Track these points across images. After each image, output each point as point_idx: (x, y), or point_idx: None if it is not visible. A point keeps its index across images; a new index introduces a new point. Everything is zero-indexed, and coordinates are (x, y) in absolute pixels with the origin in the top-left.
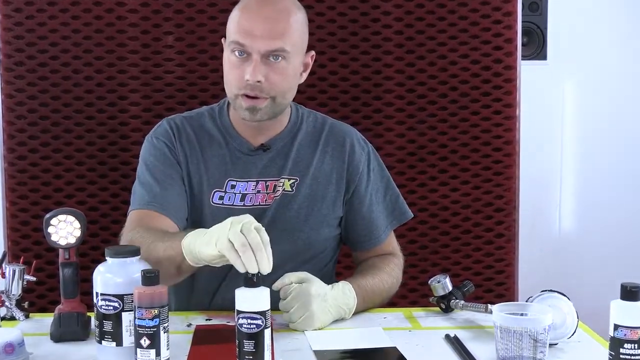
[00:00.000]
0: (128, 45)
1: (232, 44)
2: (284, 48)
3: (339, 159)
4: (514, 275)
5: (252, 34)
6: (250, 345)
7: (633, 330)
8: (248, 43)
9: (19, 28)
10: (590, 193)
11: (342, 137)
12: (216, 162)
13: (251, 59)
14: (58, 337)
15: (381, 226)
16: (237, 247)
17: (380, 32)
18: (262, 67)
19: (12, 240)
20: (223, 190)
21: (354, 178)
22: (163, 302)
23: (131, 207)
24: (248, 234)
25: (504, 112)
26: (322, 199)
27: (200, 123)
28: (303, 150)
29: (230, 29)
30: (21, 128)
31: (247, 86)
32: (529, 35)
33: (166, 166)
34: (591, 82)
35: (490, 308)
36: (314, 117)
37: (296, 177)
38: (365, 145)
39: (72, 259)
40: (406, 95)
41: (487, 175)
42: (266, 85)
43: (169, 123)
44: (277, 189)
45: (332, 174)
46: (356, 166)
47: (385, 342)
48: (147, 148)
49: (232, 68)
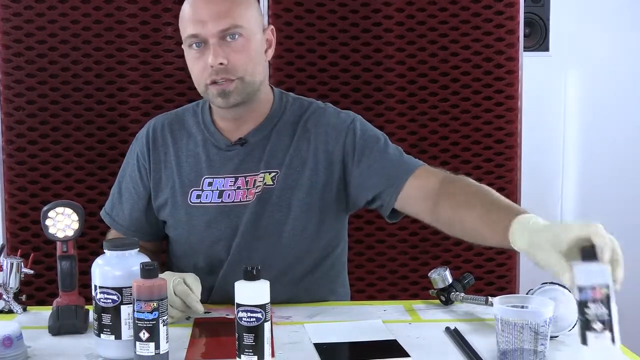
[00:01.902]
0: (127, 37)
1: (187, 39)
2: (236, 24)
3: (319, 142)
4: (514, 267)
5: (202, 20)
6: (249, 338)
7: (594, 290)
8: (200, 31)
9: (17, 19)
10: (592, 185)
11: (319, 119)
12: (191, 162)
13: (209, 45)
14: (56, 330)
15: (407, 158)
16: None
17: (382, 23)
18: (221, 49)
19: (11, 233)
20: (200, 188)
21: (343, 157)
22: (162, 294)
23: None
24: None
25: (506, 104)
26: (301, 186)
27: (182, 121)
28: (280, 141)
29: (182, 27)
30: (20, 119)
31: (213, 72)
32: (531, 27)
33: (130, 179)
34: (593, 73)
35: (490, 300)
36: (300, 103)
37: (276, 169)
38: (347, 117)
39: (71, 251)
40: (407, 86)
41: (488, 167)
42: (231, 67)
43: (148, 128)
44: (258, 184)
45: (315, 161)
46: (342, 145)
47: (385, 334)
48: (128, 152)
49: (194, 61)
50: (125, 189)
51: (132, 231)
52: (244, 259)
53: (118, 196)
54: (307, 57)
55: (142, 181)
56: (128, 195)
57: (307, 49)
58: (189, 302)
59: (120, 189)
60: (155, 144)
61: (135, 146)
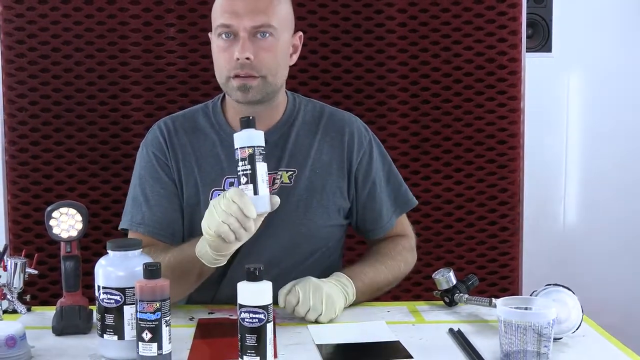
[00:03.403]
0: (130, 37)
1: (218, 28)
2: (269, 23)
3: (338, 148)
4: (518, 268)
5: (237, 13)
6: (252, 339)
7: (242, 150)
8: (234, 22)
9: (20, 20)
10: (595, 186)
11: (342, 125)
12: (211, 162)
13: (239, 38)
14: (60, 330)
15: (385, 215)
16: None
17: (384, 24)
18: (250, 44)
19: (14, 233)
20: (221, 188)
21: (354, 167)
22: (165, 295)
23: (123, 220)
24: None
25: (509, 105)
26: (321, 190)
27: (193, 122)
28: (300, 141)
29: (214, 15)
30: (22, 120)
31: (237, 65)
32: (534, 27)
33: (155, 181)
34: (596, 74)
35: (494, 302)
36: (312, 105)
37: (294, 168)
38: (367, 133)
39: (74, 252)
40: (410, 87)
41: (491, 168)
42: (256, 63)
43: (159, 128)
44: (275, 182)
45: (331, 164)
46: (357, 155)
47: (388, 336)
48: (139, 160)
49: (220, 51)
50: (152, 193)
51: (169, 235)
52: (253, 254)
53: (145, 204)
54: (310, 58)
55: (169, 178)
56: (158, 198)
57: (309, 50)
58: (243, 204)
59: (146, 195)
60: (172, 143)
61: (150, 149)
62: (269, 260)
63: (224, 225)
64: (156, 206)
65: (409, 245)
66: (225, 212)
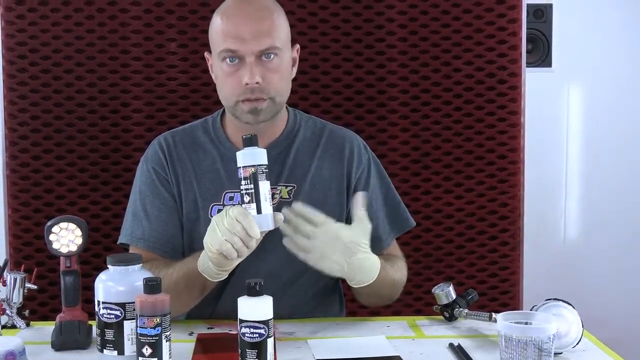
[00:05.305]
0: (131, 52)
1: (222, 53)
2: (275, 45)
3: (338, 164)
4: (518, 283)
5: (242, 37)
6: (252, 354)
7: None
8: (239, 47)
9: (22, 34)
10: (596, 201)
11: (342, 142)
12: (211, 177)
13: (245, 62)
14: (59, 345)
15: (383, 235)
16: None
17: (384, 39)
18: (257, 68)
19: (15, 248)
20: (221, 203)
21: (353, 183)
22: (165, 310)
23: (123, 235)
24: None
25: (509, 120)
26: (321, 205)
27: (193, 137)
28: (300, 157)
29: (215, 38)
30: (23, 135)
31: (247, 90)
32: (534, 43)
33: (155, 196)
34: (596, 89)
35: (494, 317)
36: (313, 122)
37: (293, 184)
38: (366, 152)
39: (74, 266)
40: (410, 102)
41: (491, 182)
42: (265, 85)
43: (159, 143)
44: (274, 197)
45: (331, 181)
46: (355, 173)
47: (388, 351)
48: (139, 175)
49: (227, 76)
50: (152, 208)
51: (170, 249)
52: (252, 268)
53: (145, 219)
54: (310, 73)
55: (169, 193)
56: (157, 213)
57: (310, 65)
58: (248, 224)
59: (146, 210)
60: (171, 158)
61: (149, 165)
62: (268, 274)
63: (227, 244)
64: (156, 221)
65: (403, 265)
66: (229, 231)
